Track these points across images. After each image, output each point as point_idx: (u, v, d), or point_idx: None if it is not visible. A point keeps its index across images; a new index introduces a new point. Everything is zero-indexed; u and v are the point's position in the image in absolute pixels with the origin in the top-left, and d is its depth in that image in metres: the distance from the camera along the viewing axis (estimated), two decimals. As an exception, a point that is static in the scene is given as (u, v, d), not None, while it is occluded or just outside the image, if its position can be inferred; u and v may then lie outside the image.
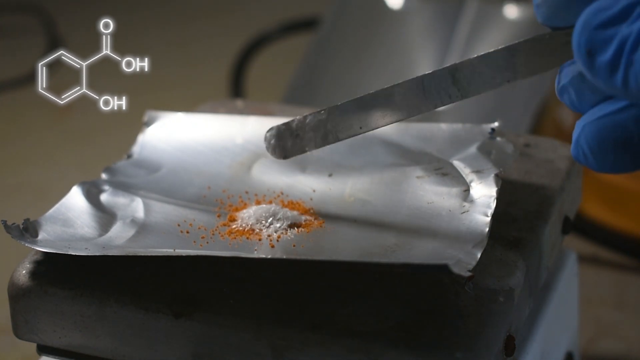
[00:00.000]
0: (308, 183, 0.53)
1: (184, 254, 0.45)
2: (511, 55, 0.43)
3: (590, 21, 0.38)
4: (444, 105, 0.46)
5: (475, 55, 0.45)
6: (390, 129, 0.56)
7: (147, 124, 0.58)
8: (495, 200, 0.48)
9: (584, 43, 0.38)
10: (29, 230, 0.48)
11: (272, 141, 0.50)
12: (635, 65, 0.36)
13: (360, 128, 0.48)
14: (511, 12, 0.96)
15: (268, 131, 0.50)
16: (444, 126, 0.55)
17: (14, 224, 0.47)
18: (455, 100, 0.46)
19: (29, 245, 0.47)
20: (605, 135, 0.39)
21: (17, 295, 0.47)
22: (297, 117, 0.49)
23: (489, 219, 0.47)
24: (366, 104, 0.48)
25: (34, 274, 0.47)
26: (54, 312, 0.47)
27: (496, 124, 0.54)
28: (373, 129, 0.48)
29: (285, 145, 0.50)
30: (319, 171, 0.54)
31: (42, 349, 0.48)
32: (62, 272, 0.47)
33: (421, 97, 0.46)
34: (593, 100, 0.40)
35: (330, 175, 0.53)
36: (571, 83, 0.41)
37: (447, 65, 0.45)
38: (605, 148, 0.39)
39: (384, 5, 1.01)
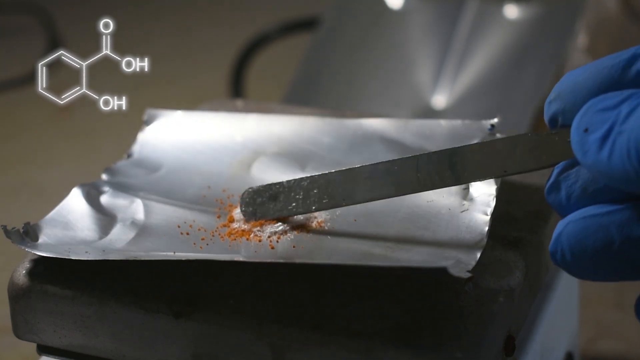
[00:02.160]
0: (308, 182, 0.53)
1: (183, 258, 0.45)
2: (513, 147, 0.43)
3: (594, 106, 0.39)
4: (435, 188, 0.45)
5: (476, 143, 0.44)
6: (389, 126, 0.56)
7: (147, 122, 0.58)
8: (495, 199, 0.48)
9: (583, 123, 0.39)
10: (29, 234, 0.48)
11: (248, 200, 0.49)
12: (623, 135, 0.37)
13: (344, 200, 0.47)
14: (511, 12, 0.96)
15: (246, 191, 0.49)
16: (443, 122, 0.55)
17: (14, 228, 0.47)
18: (447, 185, 0.45)
19: (30, 250, 0.47)
20: (588, 235, 0.39)
21: (17, 295, 0.47)
22: (280, 182, 0.49)
23: (488, 217, 0.47)
24: (354, 178, 0.47)
25: (34, 274, 0.47)
26: (54, 312, 0.47)
27: (495, 120, 0.54)
28: (357, 204, 0.47)
29: (262, 206, 0.49)
30: (319, 169, 0.54)
31: (42, 349, 0.48)
32: (62, 272, 0.47)
33: (413, 177, 0.45)
34: (580, 203, 0.41)
35: (330, 174, 0.53)
36: (564, 180, 0.41)
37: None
38: (585, 249, 0.39)
39: (384, 5, 1.01)
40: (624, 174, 0.37)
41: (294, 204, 0.48)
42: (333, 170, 0.48)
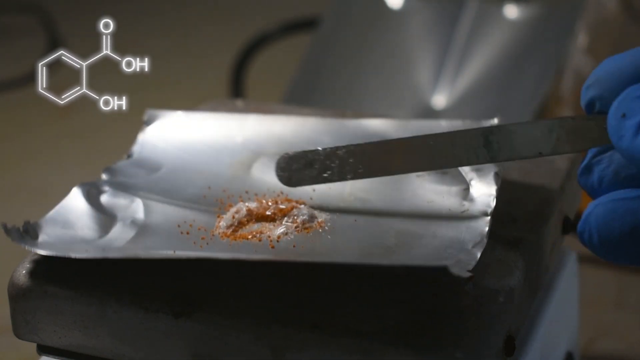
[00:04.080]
0: (308, 182, 0.53)
1: (183, 257, 0.45)
2: (549, 130, 0.43)
3: (633, 92, 0.39)
4: (469, 165, 0.46)
5: (514, 122, 0.45)
6: (389, 126, 0.56)
7: (147, 122, 0.58)
8: (495, 199, 0.48)
9: (622, 108, 0.39)
10: (29, 232, 0.48)
11: (284, 165, 0.50)
12: None
13: (379, 171, 0.48)
14: (511, 12, 0.96)
15: (282, 156, 0.50)
16: (443, 123, 0.55)
17: (14, 226, 0.47)
18: (482, 162, 0.45)
19: (29, 248, 0.47)
20: (615, 217, 0.40)
21: (17, 295, 0.47)
22: (316, 149, 0.49)
23: (488, 217, 0.47)
24: (390, 149, 0.47)
25: (34, 274, 0.47)
26: (54, 312, 0.47)
27: (496, 120, 0.54)
28: (391, 175, 0.48)
29: (297, 173, 0.49)
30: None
31: (42, 349, 0.48)
32: (62, 272, 0.47)
33: (449, 152, 0.46)
34: (612, 187, 0.41)
35: (330, 174, 0.53)
36: (597, 163, 0.42)
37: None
38: (612, 230, 0.40)
39: (384, 5, 1.01)
40: None
41: (329, 172, 0.49)
42: (370, 141, 0.48)
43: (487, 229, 0.46)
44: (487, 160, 0.45)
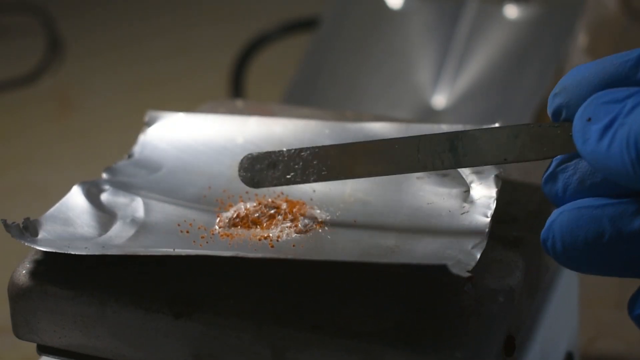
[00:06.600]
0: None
1: (183, 254, 0.45)
2: (515, 136, 0.44)
3: (599, 98, 0.39)
4: (434, 170, 0.46)
5: (479, 128, 0.45)
6: (390, 130, 0.56)
7: (148, 123, 0.58)
8: (495, 201, 0.48)
9: (587, 113, 0.39)
10: (29, 229, 0.48)
11: (247, 166, 0.50)
12: (625, 126, 0.38)
13: (342, 174, 0.48)
14: (511, 12, 0.96)
15: (245, 156, 0.50)
16: (444, 127, 0.55)
17: (13, 222, 0.47)
18: (447, 167, 0.46)
19: (29, 244, 0.47)
20: (580, 225, 0.40)
21: (17, 295, 0.47)
22: (280, 150, 0.49)
23: (488, 219, 0.47)
24: (354, 153, 0.47)
25: (34, 274, 0.47)
26: (54, 312, 0.47)
27: (497, 124, 0.54)
28: (355, 178, 0.48)
29: (260, 173, 0.49)
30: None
31: (42, 349, 0.48)
32: (62, 272, 0.47)
33: (414, 156, 0.46)
34: (576, 196, 0.41)
35: (330, 175, 0.53)
36: (562, 171, 0.42)
37: (447, 131, 0.45)
38: (575, 240, 0.40)
39: (384, 5, 1.01)
40: (621, 165, 0.38)
41: (292, 174, 0.49)
42: (334, 143, 0.48)
43: (487, 230, 0.46)
44: (452, 165, 0.45)
